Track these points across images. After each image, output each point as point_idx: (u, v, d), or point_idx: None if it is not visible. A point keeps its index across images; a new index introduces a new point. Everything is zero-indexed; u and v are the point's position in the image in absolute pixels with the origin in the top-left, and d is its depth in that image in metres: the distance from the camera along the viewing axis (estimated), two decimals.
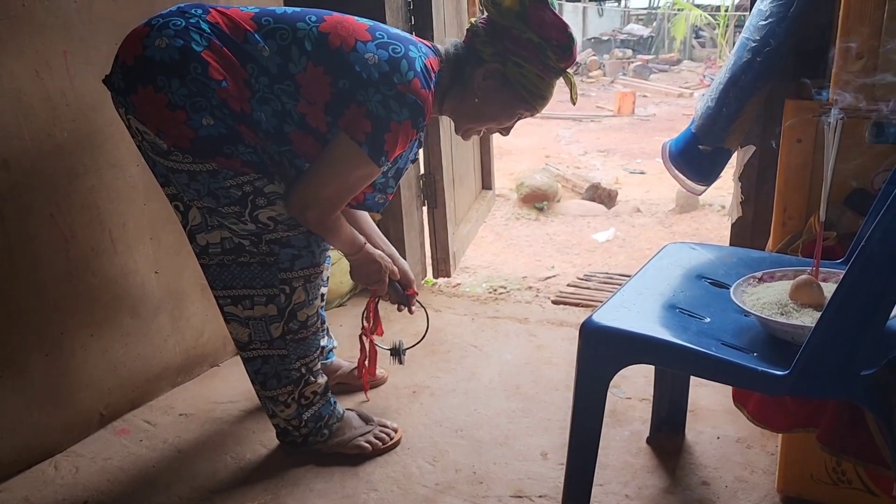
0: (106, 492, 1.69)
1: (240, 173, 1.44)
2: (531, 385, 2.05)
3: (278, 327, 1.61)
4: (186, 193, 1.48)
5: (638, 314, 1.28)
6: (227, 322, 1.64)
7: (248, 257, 1.55)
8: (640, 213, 4.87)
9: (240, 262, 1.55)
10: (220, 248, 1.54)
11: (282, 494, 1.66)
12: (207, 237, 1.54)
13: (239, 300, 1.59)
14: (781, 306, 1.20)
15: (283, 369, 1.66)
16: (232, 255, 1.55)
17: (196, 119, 1.37)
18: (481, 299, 2.68)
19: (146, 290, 1.96)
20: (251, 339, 1.63)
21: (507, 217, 4.75)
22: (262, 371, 1.66)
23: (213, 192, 1.45)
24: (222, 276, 1.57)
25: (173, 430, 1.91)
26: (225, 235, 1.53)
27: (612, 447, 1.76)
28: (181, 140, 1.39)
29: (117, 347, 1.91)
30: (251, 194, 1.46)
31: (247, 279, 1.57)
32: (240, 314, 1.60)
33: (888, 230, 0.98)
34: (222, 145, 1.40)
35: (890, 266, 1.01)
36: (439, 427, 1.88)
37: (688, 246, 1.57)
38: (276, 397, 1.68)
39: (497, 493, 1.63)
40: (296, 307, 1.61)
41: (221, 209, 1.48)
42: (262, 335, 1.62)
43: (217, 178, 1.44)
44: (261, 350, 1.64)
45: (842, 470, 1.47)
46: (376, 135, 1.41)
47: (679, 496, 1.59)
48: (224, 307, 1.61)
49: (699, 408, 1.89)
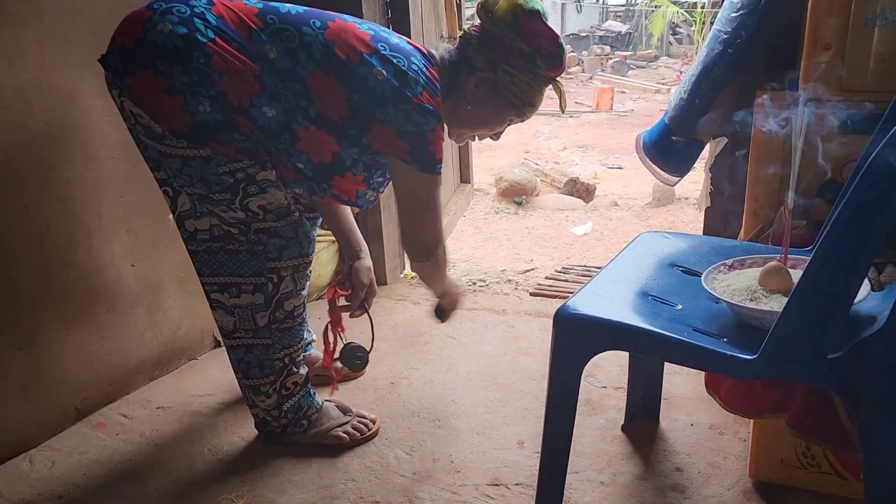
0: (82, 486, 1.68)
1: (233, 160, 1.44)
2: (508, 375, 2.07)
3: (264, 316, 1.62)
4: (178, 179, 1.48)
5: (611, 301, 1.30)
6: (212, 309, 1.64)
7: (236, 245, 1.55)
8: (618, 206, 4.90)
9: (228, 249, 1.55)
10: (208, 235, 1.55)
11: (259, 486, 1.66)
12: (196, 223, 1.54)
13: (225, 287, 1.59)
14: (751, 293, 1.22)
15: (266, 359, 1.66)
16: (220, 242, 1.55)
17: (193, 104, 1.37)
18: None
19: (122, 283, 1.95)
20: (236, 328, 1.63)
21: (487, 211, 4.76)
22: (245, 360, 1.66)
23: (206, 179, 1.45)
24: (210, 262, 1.57)
25: (150, 424, 1.90)
26: (214, 223, 1.53)
27: (587, 435, 1.78)
28: (177, 124, 1.39)
29: (93, 341, 1.90)
30: (243, 182, 1.47)
31: (234, 267, 1.57)
32: (226, 302, 1.60)
33: (851, 216, 1.00)
34: (217, 132, 1.40)
35: (853, 251, 1.03)
36: (417, 417, 1.89)
37: (661, 235, 1.59)
38: (257, 387, 1.69)
39: (474, 482, 1.64)
40: (283, 297, 1.62)
41: (212, 196, 1.48)
42: (248, 324, 1.62)
43: (210, 165, 1.44)
44: (245, 339, 1.64)
45: (811, 454, 1.50)
46: (420, 151, 1.46)
47: (653, 482, 1.61)
48: (210, 294, 1.61)
49: (673, 396, 1.92)
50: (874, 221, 1.00)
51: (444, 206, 3.19)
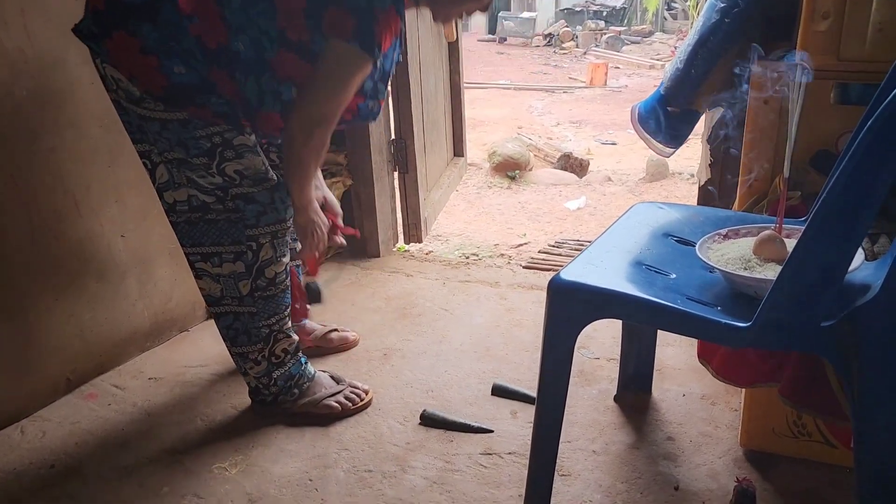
0: (74, 455, 1.68)
1: (210, 124, 1.44)
2: (501, 347, 2.07)
3: (246, 284, 1.62)
4: (158, 143, 1.47)
5: (605, 271, 1.30)
6: (198, 278, 1.64)
7: (214, 215, 1.55)
8: (611, 181, 4.89)
9: (207, 219, 1.56)
10: (187, 206, 1.55)
11: (253, 455, 1.66)
12: (175, 195, 1.54)
13: (208, 257, 1.60)
14: (745, 261, 1.22)
15: (252, 327, 1.66)
16: (199, 212, 1.55)
17: (167, 65, 1.37)
18: (452, 264, 2.68)
19: (112, 253, 1.94)
20: (223, 295, 1.64)
21: (480, 186, 4.74)
22: (232, 327, 1.67)
23: (184, 142, 1.45)
24: (191, 233, 1.58)
25: (142, 394, 1.90)
26: (192, 193, 1.53)
27: (580, 405, 1.79)
28: (153, 87, 1.39)
29: (83, 312, 1.89)
30: (220, 146, 1.47)
31: (215, 236, 1.57)
32: (210, 270, 1.61)
33: (847, 184, 1.00)
34: (194, 95, 1.40)
35: (848, 219, 1.03)
36: (410, 388, 1.89)
37: (655, 205, 1.58)
38: (246, 354, 1.69)
39: (467, 451, 1.65)
40: (263, 264, 1.61)
41: (190, 160, 1.48)
42: (233, 291, 1.63)
43: (188, 128, 1.44)
44: (232, 306, 1.65)
45: (802, 423, 1.51)
46: (363, 27, 1.38)
47: (645, 451, 1.62)
48: (195, 263, 1.62)
49: (665, 367, 1.92)
50: (870, 188, 0.99)
51: (437, 180, 3.18)
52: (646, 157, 5.05)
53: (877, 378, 1.11)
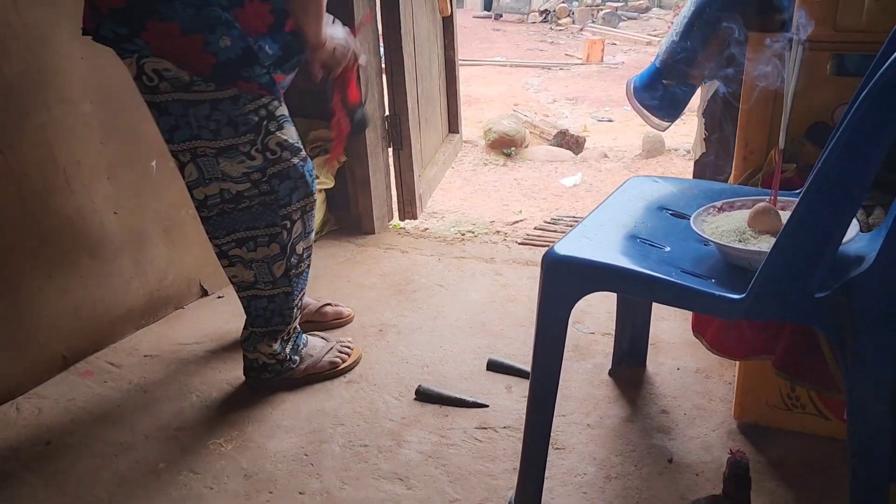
0: (70, 432, 1.68)
1: (257, 97, 1.48)
2: (497, 322, 2.07)
3: (281, 266, 1.65)
4: (205, 129, 1.48)
5: (599, 244, 1.29)
6: (230, 266, 1.65)
7: (248, 202, 1.57)
8: (607, 158, 4.87)
9: (241, 207, 1.58)
10: (219, 199, 1.57)
11: (248, 431, 1.66)
12: (205, 191, 1.56)
13: (243, 242, 1.61)
14: (740, 234, 1.22)
15: (286, 308, 1.70)
16: (232, 203, 1.58)
17: (214, 42, 1.38)
18: (448, 240, 2.68)
19: (105, 231, 1.93)
20: (256, 280, 1.66)
21: (475, 163, 4.72)
22: (268, 309, 1.69)
23: (234, 121, 1.48)
24: (224, 223, 1.59)
25: (138, 372, 1.90)
26: (224, 187, 1.55)
27: (575, 380, 1.79)
28: (203, 67, 1.40)
29: (77, 289, 1.88)
30: (265, 119, 1.51)
31: (249, 221, 1.59)
32: (244, 256, 1.62)
33: (841, 155, 0.99)
34: (241, 68, 1.42)
35: (843, 190, 1.02)
36: (406, 364, 1.89)
37: (650, 179, 1.58)
38: (272, 333, 1.71)
39: (462, 426, 1.65)
40: (294, 240, 1.65)
41: (239, 139, 1.50)
42: (266, 276, 1.65)
43: (238, 105, 1.47)
44: (266, 290, 1.67)
45: (796, 396, 1.52)
46: None
47: (639, 424, 1.63)
48: (228, 252, 1.63)
49: (660, 341, 1.93)
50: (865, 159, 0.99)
51: (433, 156, 3.16)
52: (642, 133, 5.02)
53: (870, 349, 1.11)
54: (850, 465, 1.17)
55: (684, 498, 1.39)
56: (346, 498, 1.46)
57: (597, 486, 1.47)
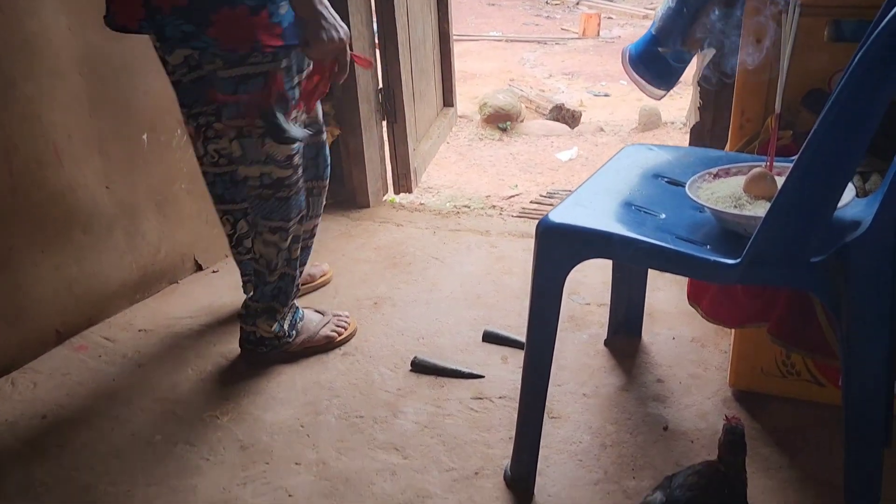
0: (65, 406, 1.68)
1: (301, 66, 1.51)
2: (492, 294, 2.07)
3: (297, 249, 1.71)
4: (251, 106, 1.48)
5: (594, 211, 1.28)
6: (263, 244, 1.66)
7: (286, 192, 1.60)
8: (604, 132, 4.84)
9: (278, 196, 1.60)
10: (258, 183, 1.58)
11: (244, 403, 1.67)
12: (247, 171, 1.58)
13: (276, 231, 1.64)
14: (735, 199, 1.21)
15: (292, 286, 1.73)
16: (270, 189, 1.59)
17: (275, 12, 1.38)
18: (443, 213, 2.67)
19: (97, 205, 1.91)
20: (278, 264, 1.69)
21: (471, 138, 4.69)
22: (277, 286, 1.71)
23: (283, 95, 1.48)
24: (262, 207, 1.62)
25: (133, 346, 1.90)
26: (265, 171, 1.57)
27: (571, 350, 1.79)
28: (274, 39, 1.39)
29: (70, 264, 1.87)
30: None
31: (284, 212, 1.62)
32: (279, 244, 1.65)
33: (836, 119, 0.98)
34: (296, 32, 1.41)
35: (838, 154, 1.02)
36: (401, 336, 1.89)
37: (645, 147, 1.56)
38: (273, 310, 1.72)
39: (458, 396, 1.65)
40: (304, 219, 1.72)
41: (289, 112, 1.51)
42: (284, 259, 1.69)
43: (290, 75, 1.48)
44: (285, 269, 1.70)
45: (791, 363, 1.52)
46: None
47: (634, 393, 1.63)
48: (262, 233, 1.64)
49: (655, 311, 1.92)
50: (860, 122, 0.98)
51: (427, 130, 3.14)
52: (638, 107, 4.99)
53: (865, 313, 1.11)
54: (845, 429, 1.18)
55: (679, 464, 1.39)
56: (343, 468, 1.46)
57: (592, 453, 1.47)
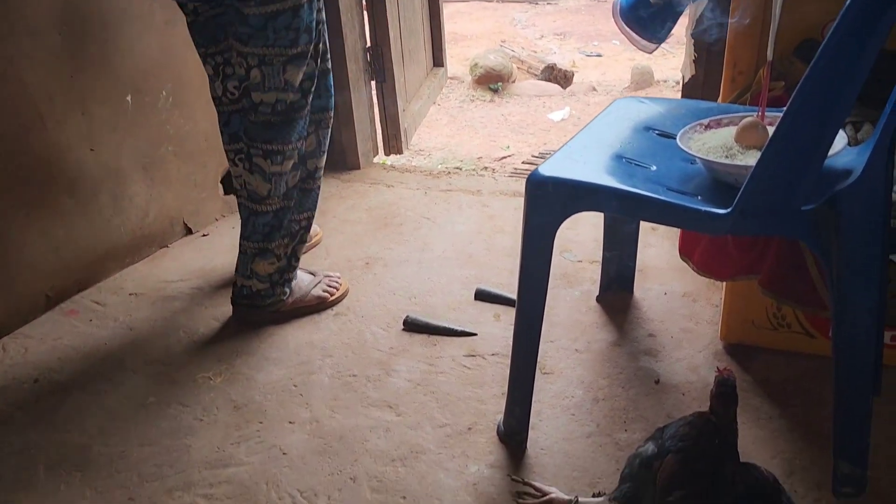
0: (57, 369, 1.67)
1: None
2: (484, 253, 2.06)
3: (295, 176, 1.68)
4: (281, 40, 1.50)
5: (584, 164, 1.27)
6: (249, 172, 1.65)
7: (295, 113, 1.60)
8: (596, 91, 4.80)
9: (284, 120, 1.60)
10: (269, 109, 1.58)
11: (237, 364, 1.66)
12: (263, 96, 1.57)
13: (270, 154, 1.62)
14: (726, 149, 1.19)
15: (287, 220, 1.71)
16: (280, 116, 1.59)
17: None
18: (434, 174, 2.64)
19: (82, 168, 1.88)
20: (269, 194, 1.66)
21: (462, 99, 4.64)
22: (270, 224, 1.69)
23: (309, 27, 1.52)
24: (264, 133, 1.61)
25: (124, 310, 1.89)
26: (280, 97, 1.57)
27: (563, 307, 1.79)
28: None
29: (57, 228, 1.85)
30: (321, 22, 1.60)
31: (286, 135, 1.62)
32: (266, 168, 1.63)
33: (826, 66, 0.97)
34: None
35: (828, 101, 1.00)
36: (393, 296, 1.89)
37: (636, 100, 1.54)
38: (272, 250, 1.71)
39: (451, 354, 1.66)
40: (307, 155, 1.69)
41: (308, 46, 1.54)
42: (281, 188, 1.66)
43: (311, 7, 1.52)
44: (275, 203, 1.68)
45: (782, 315, 1.52)
46: None
47: (626, 348, 1.64)
48: (253, 158, 1.63)
49: (647, 267, 1.92)
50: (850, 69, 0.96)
51: (417, 90, 3.10)
52: (630, 66, 4.94)
53: (855, 262, 1.11)
54: (834, 378, 1.18)
55: (671, 416, 1.40)
56: (336, 426, 1.47)
57: (584, 407, 1.48)
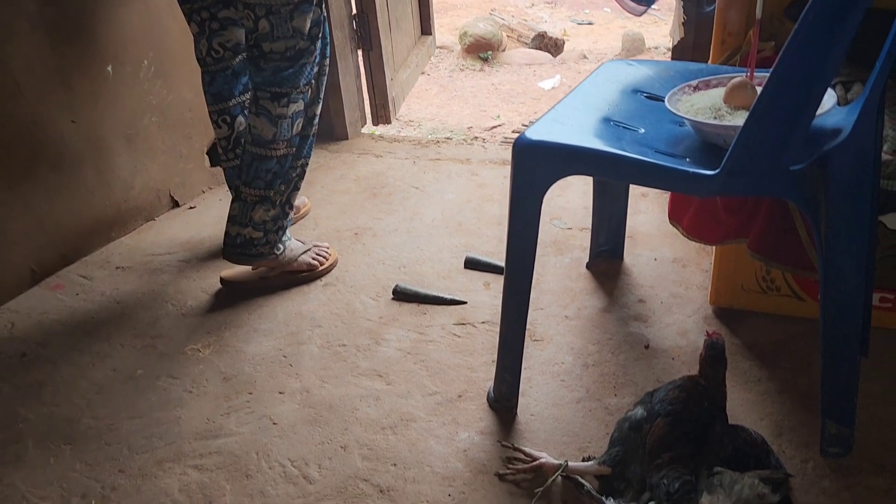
0: (45, 344, 1.66)
1: None
2: (473, 222, 2.05)
3: (300, 123, 1.68)
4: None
5: (571, 128, 1.25)
6: (255, 115, 1.65)
7: (305, 58, 1.61)
8: (587, 59, 4.76)
9: (293, 65, 1.61)
10: (279, 56, 1.59)
11: (226, 336, 1.66)
12: (272, 45, 1.58)
13: (278, 97, 1.62)
14: (715, 110, 1.18)
15: (289, 167, 1.71)
16: (289, 61, 1.60)
17: None
18: (423, 143, 2.62)
19: (64, 140, 1.85)
20: (274, 138, 1.66)
21: (451, 68, 4.59)
22: (272, 171, 1.69)
23: None
24: (272, 78, 1.61)
25: (110, 283, 1.87)
26: (290, 44, 1.58)
27: (553, 274, 1.79)
28: None
29: (41, 202, 1.83)
30: None
31: (294, 79, 1.62)
32: (273, 111, 1.63)
33: (814, 24, 0.95)
34: None
35: (815, 61, 0.99)
36: (382, 265, 1.88)
37: (625, 63, 1.52)
38: (270, 197, 1.71)
39: (440, 322, 1.65)
40: (309, 102, 1.70)
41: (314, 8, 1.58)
42: (286, 133, 1.66)
43: None
44: (280, 149, 1.68)
45: (771, 278, 1.52)
46: None
47: (616, 314, 1.64)
48: (260, 100, 1.63)
49: (637, 233, 1.91)
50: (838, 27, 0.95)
51: (405, 59, 3.06)
52: (621, 34, 4.90)
53: (844, 222, 1.10)
54: (822, 339, 1.18)
55: (660, 381, 1.40)
56: (326, 395, 1.46)
57: (574, 373, 1.48)
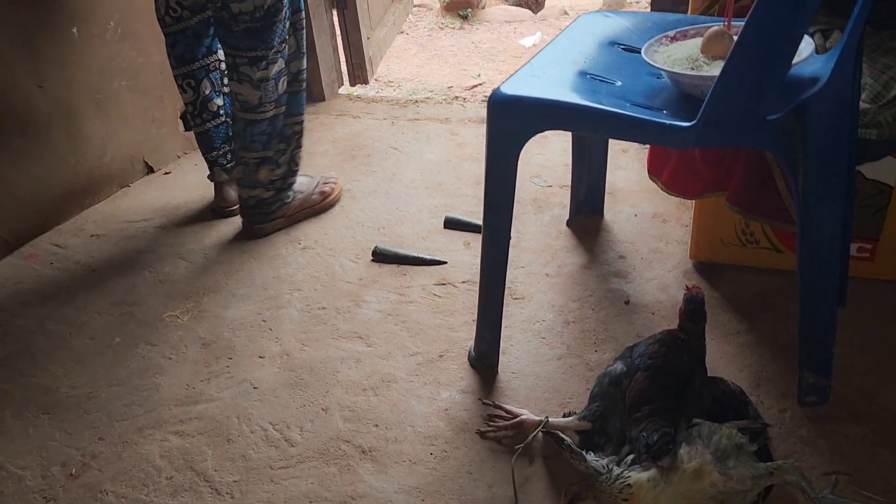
0: (20, 314, 1.64)
1: None
2: (453, 181, 2.03)
3: (284, 81, 1.68)
4: None
5: (547, 82, 1.23)
6: (238, 82, 1.65)
7: (274, 18, 1.60)
8: (568, 16, 4.69)
9: (265, 26, 1.60)
10: (248, 17, 1.58)
11: (204, 302, 1.64)
12: (241, 6, 1.57)
13: (256, 62, 1.62)
14: (692, 61, 1.16)
15: (283, 125, 1.73)
16: (259, 22, 1.59)
17: None
18: (401, 103, 2.58)
19: (32, 106, 1.81)
20: (261, 102, 1.66)
21: (430, 27, 4.52)
22: (266, 132, 1.70)
23: None
24: (246, 40, 1.61)
25: (85, 251, 1.84)
26: (258, 3, 1.57)
27: (533, 232, 1.78)
28: None
29: (9, 169, 1.79)
30: None
31: (267, 40, 1.62)
32: (254, 75, 1.63)
33: None
34: None
35: (790, 9, 0.97)
36: (361, 227, 1.86)
37: (601, 14, 1.49)
38: (272, 157, 1.73)
39: (421, 283, 1.64)
40: (290, 58, 1.69)
41: None
42: (272, 94, 1.66)
43: None
44: (269, 110, 1.68)
45: (750, 231, 1.52)
46: None
47: (596, 270, 1.63)
48: (240, 67, 1.63)
49: (617, 189, 1.90)
50: None
51: (381, 18, 3.00)
52: None
53: (822, 171, 1.09)
54: (799, 288, 1.18)
55: (640, 336, 1.40)
56: (307, 358, 1.46)
57: (555, 331, 1.48)
